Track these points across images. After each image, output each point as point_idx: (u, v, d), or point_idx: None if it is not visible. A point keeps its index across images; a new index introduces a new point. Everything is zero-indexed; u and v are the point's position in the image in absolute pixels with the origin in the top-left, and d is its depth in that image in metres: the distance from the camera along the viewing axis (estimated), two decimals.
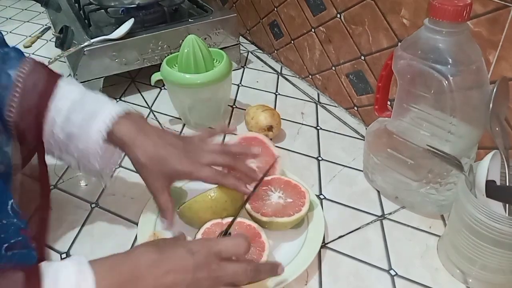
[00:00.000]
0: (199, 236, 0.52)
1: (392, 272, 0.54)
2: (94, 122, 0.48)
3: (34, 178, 0.53)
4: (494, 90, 0.48)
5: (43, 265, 0.35)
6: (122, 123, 0.49)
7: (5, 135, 0.46)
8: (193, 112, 0.79)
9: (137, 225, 0.59)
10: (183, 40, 0.75)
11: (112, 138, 0.49)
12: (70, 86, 0.51)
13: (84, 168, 0.53)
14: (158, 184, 0.50)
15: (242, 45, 1.11)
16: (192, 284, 0.38)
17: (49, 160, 0.73)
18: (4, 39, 0.50)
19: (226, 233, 0.49)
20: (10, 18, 1.39)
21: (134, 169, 0.52)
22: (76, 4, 1.04)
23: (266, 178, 0.61)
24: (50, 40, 1.21)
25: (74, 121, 0.48)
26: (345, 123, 0.83)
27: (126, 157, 0.49)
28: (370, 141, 0.65)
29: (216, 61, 0.80)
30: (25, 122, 0.46)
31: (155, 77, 0.79)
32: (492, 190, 0.48)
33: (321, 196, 0.66)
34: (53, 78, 0.49)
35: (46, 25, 1.31)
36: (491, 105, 0.49)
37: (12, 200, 0.44)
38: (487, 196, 0.49)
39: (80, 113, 0.48)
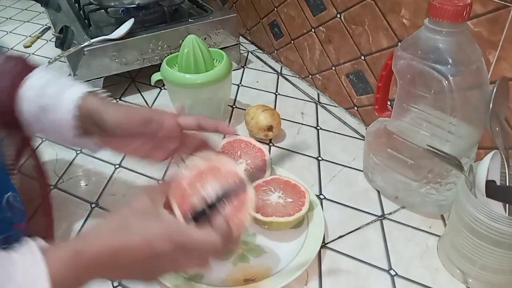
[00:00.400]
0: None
1: (392, 272, 0.54)
2: (69, 92, 0.48)
3: (33, 177, 0.53)
4: (494, 90, 0.48)
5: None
6: (90, 97, 0.49)
7: None
8: (193, 112, 0.79)
9: None
10: (183, 40, 0.75)
11: (81, 109, 0.48)
12: (44, 71, 0.51)
13: (60, 141, 0.53)
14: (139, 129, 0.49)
15: (242, 45, 1.11)
16: (151, 270, 0.38)
17: (49, 160, 0.73)
18: None
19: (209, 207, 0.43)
20: (10, 18, 1.39)
21: (135, 170, 0.51)
22: (76, 4, 1.04)
23: (265, 179, 0.61)
24: (50, 40, 1.21)
25: (47, 94, 0.48)
26: (345, 123, 0.83)
27: (126, 159, 0.49)
28: (370, 141, 0.65)
29: (216, 61, 0.80)
30: (2, 102, 0.47)
31: (155, 77, 0.79)
32: (492, 190, 0.48)
33: (321, 196, 0.66)
34: (29, 65, 0.50)
35: (46, 25, 1.31)
36: (491, 105, 0.49)
37: (8, 194, 0.44)
38: (487, 196, 0.49)
39: (52, 87, 0.48)
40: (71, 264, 0.35)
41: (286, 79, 0.99)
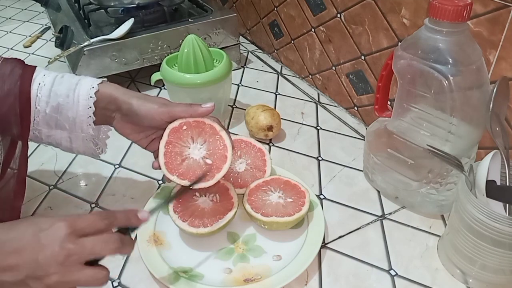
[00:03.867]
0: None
1: (392, 272, 0.54)
2: (80, 89, 0.48)
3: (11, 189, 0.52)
4: (494, 90, 0.48)
5: None
6: (106, 85, 0.50)
7: None
8: None
9: None
10: (183, 40, 0.75)
11: (100, 98, 0.49)
12: (45, 70, 0.51)
13: (77, 140, 0.51)
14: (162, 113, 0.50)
15: (242, 45, 1.11)
16: (43, 265, 0.36)
17: (49, 160, 0.73)
18: None
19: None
20: (10, 18, 1.39)
21: (135, 170, 0.51)
22: (76, 4, 1.04)
23: (265, 179, 0.61)
24: (50, 40, 1.21)
25: (59, 93, 0.48)
26: (345, 123, 0.83)
27: (125, 159, 0.49)
28: (370, 141, 0.65)
29: (216, 61, 0.80)
30: (6, 105, 0.46)
31: (155, 77, 0.79)
32: (492, 190, 0.48)
33: (321, 196, 0.66)
34: (29, 66, 0.49)
35: (46, 25, 1.31)
36: (491, 105, 0.49)
37: None
38: (487, 196, 0.49)
39: (62, 85, 0.48)
40: None
41: (286, 79, 0.99)
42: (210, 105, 0.51)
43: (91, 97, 0.48)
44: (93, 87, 0.49)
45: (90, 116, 0.49)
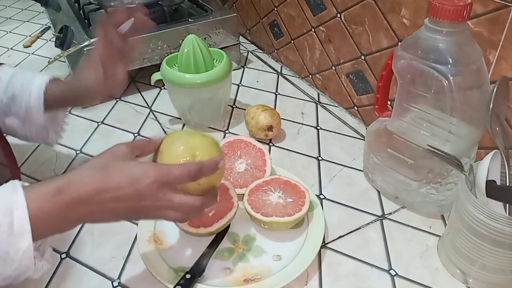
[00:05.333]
0: None
1: (392, 272, 0.54)
2: (34, 81, 0.54)
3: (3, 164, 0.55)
4: (494, 90, 0.48)
5: None
6: (57, 80, 0.57)
7: None
8: (193, 112, 0.79)
9: (137, 225, 0.59)
10: (183, 40, 0.75)
11: (51, 89, 0.55)
12: (9, 67, 0.57)
13: (30, 128, 0.56)
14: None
15: (242, 45, 1.11)
16: (135, 210, 0.40)
17: (49, 160, 0.73)
18: None
19: None
20: (10, 18, 1.39)
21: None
22: (76, 4, 1.04)
23: (265, 179, 0.62)
24: (50, 40, 1.21)
25: (15, 85, 0.54)
26: (345, 123, 0.83)
27: None
28: (370, 141, 0.65)
29: (216, 61, 0.80)
30: None
31: (155, 77, 0.79)
32: (492, 190, 0.48)
33: (321, 196, 0.66)
34: None
35: (46, 25, 1.31)
36: (491, 105, 0.49)
37: None
38: (487, 196, 0.49)
39: (19, 78, 0.55)
40: (52, 200, 0.36)
41: (286, 79, 0.99)
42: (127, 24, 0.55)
43: (42, 88, 0.54)
44: (45, 82, 0.55)
45: (40, 107, 0.54)
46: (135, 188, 0.39)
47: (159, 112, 0.87)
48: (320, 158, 0.74)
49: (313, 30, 0.88)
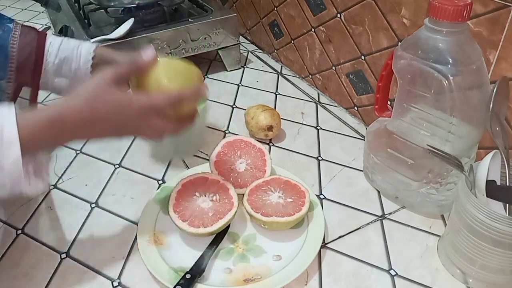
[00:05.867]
0: None
1: (392, 272, 0.54)
2: (83, 47, 0.59)
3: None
4: (494, 90, 0.48)
5: None
6: (102, 47, 0.61)
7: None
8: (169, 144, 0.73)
9: (137, 225, 0.59)
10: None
11: (97, 55, 0.59)
12: (54, 35, 0.63)
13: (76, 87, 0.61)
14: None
15: (242, 45, 1.11)
16: (117, 133, 0.47)
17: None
18: None
19: None
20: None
21: (135, 170, 0.51)
22: (76, 4, 1.04)
23: (265, 179, 0.62)
24: None
25: (65, 49, 0.59)
26: (345, 123, 0.83)
27: (125, 159, 0.48)
28: (370, 141, 0.65)
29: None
30: (25, 54, 0.56)
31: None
32: (492, 190, 0.48)
33: (321, 196, 0.66)
34: (43, 30, 0.60)
35: (46, 25, 1.30)
36: (491, 105, 0.49)
37: None
38: (487, 196, 0.49)
39: (69, 44, 0.59)
40: (42, 128, 0.42)
41: (286, 79, 0.99)
42: (150, 50, 0.55)
43: (90, 53, 0.59)
44: (93, 47, 0.60)
45: (88, 68, 0.59)
46: (119, 119, 0.45)
47: None
48: (320, 158, 0.74)
49: (313, 30, 0.88)
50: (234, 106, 0.89)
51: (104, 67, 0.62)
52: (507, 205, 0.50)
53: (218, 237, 0.57)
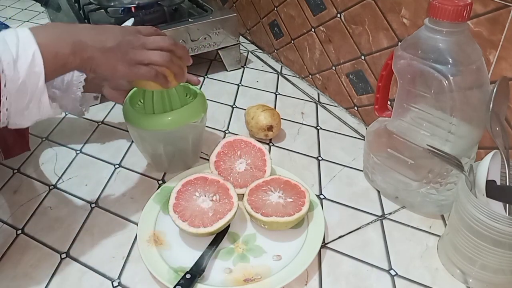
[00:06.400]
0: None
1: (392, 272, 0.54)
2: None
3: None
4: (494, 90, 0.48)
5: None
6: None
7: None
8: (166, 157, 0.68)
9: (137, 225, 0.59)
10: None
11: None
12: None
13: (67, 99, 0.63)
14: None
15: (242, 45, 1.12)
16: (122, 43, 0.50)
17: (49, 160, 0.73)
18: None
19: None
20: (10, 18, 1.39)
21: (135, 170, 0.51)
22: (76, 4, 1.04)
23: (265, 179, 0.62)
24: None
25: None
26: (345, 123, 0.83)
27: (125, 159, 0.48)
28: (370, 141, 0.65)
29: (187, 96, 0.70)
30: None
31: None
32: (492, 190, 0.48)
33: (321, 196, 0.66)
34: None
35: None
36: (491, 105, 0.49)
37: None
38: (487, 196, 0.49)
39: None
40: (62, 50, 0.45)
41: (286, 79, 0.99)
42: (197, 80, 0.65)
43: (83, 74, 0.61)
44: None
45: (80, 82, 0.62)
46: (123, 30, 0.51)
47: None
48: (320, 158, 0.74)
49: (313, 30, 0.88)
50: (234, 106, 0.89)
51: (98, 81, 0.66)
52: (507, 205, 0.50)
53: (218, 237, 0.57)
